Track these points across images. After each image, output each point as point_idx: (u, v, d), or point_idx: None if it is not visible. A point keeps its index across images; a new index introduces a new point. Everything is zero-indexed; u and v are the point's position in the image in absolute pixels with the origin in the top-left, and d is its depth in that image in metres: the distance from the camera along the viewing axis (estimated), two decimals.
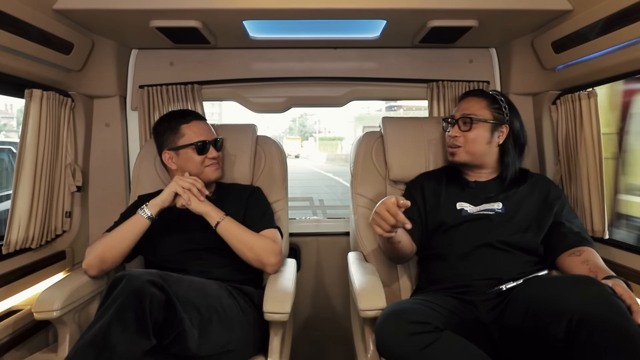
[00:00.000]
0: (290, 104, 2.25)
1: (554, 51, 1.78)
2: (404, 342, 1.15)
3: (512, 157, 1.61)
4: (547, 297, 1.15)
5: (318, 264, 2.29)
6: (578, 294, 1.09)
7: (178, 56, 2.17)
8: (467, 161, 1.62)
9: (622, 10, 1.38)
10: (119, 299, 1.12)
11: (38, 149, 1.68)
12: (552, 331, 1.10)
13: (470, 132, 1.59)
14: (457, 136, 1.61)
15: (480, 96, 1.64)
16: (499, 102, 1.62)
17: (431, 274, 1.58)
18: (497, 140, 1.60)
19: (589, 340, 1.04)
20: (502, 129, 1.60)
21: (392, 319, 1.22)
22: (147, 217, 1.49)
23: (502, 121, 1.60)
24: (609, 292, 1.09)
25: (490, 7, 1.63)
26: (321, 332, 2.33)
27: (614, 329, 1.03)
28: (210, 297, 1.32)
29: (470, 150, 1.60)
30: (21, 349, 1.56)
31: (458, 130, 1.62)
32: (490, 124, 1.59)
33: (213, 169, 1.66)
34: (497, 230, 1.51)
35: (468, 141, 1.60)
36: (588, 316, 1.05)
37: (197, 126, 1.67)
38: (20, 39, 1.45)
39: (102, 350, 1.06)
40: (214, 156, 1.66)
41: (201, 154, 1.63)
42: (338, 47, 2.20)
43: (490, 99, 1.63)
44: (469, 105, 1.63)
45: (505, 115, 1.61)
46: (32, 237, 1.70)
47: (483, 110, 1.60)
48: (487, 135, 1.59)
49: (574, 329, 1.06)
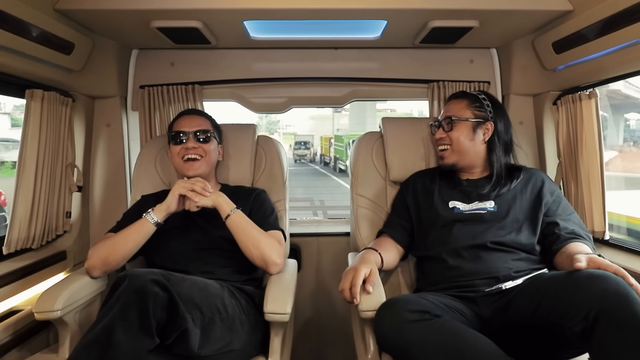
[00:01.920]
0: (290, 104, 2.25)
1: (555, 51, 1.78)
2: (400, 330, 1.17)
3: (497, 153, 1.63)
4: (560, 292, 1.16)
5: (318, 264, 2.29)
6: (594, 288, 1.09)
7: (179, 56, 2.17)
8: (456, 162, 1.65)
9: (623, 10, 1.38)
10: (122, 298, 1.12)
11: (39, 149, 1.68)
12: (567, 325, 1.10)
13: (452, 132, 1.64)
14: (443, 137, 1.67)
15: (461, 97, 1.69)
16: (481, 100, 1.66)
17: (428, 275, 1.59)
18: (482, 138, 1.63)
19: (607, 334, 1.04)
20: (486, 126, 1.63)
21: (388, 309, 1.24)
22: (153, 223, 1.50)
23: (485, 118, 1.63)
24: (625, 286, 1.09)
25: (490, 8, 1.63)
26: (321, 333, 2.34)
27: (632, 323, 1.02)
28: (212, 297, 1.32)
29: (456, 148, 1.64)
30: (22, 349, 1.56)
31: (442, 131, 1.67)
32: (471, 122, 1.62)
33: (189, 165, 1.63)
34: (490, 230, 1.51)
35: (452, 140, 1.64)
36: (605, 310, 1.05)
37: (182, 120, 1.70)
38: (21, 39, 1.45)
39: (106, 349, 1.06)
40: (190, 146, 1.63)
41: (177, 144, 1.65)
42: (339, 48, 2.20)
43: (470, 98, 1.67)
44: (451, 107, 1.68)
45: (488, 112, 1.63)
46: (33, 237, 1.70)
47: (463, 110, 1.64)
48: (469, 133, 1.63)
49: (591, 323, 1.06)
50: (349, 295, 1.35)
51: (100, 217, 2.07)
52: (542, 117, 2.04)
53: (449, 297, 1.41)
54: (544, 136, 2.05)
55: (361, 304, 1.34)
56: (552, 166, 2.02)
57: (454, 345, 1.13)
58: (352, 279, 1.36)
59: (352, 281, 1.36)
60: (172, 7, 1.60)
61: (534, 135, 2.11)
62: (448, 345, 1.13)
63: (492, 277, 1.43)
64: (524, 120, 2.11)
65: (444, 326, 1.16)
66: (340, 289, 1.38)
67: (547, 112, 2.02)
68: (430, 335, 1.14)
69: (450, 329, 1.16)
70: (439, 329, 1.15)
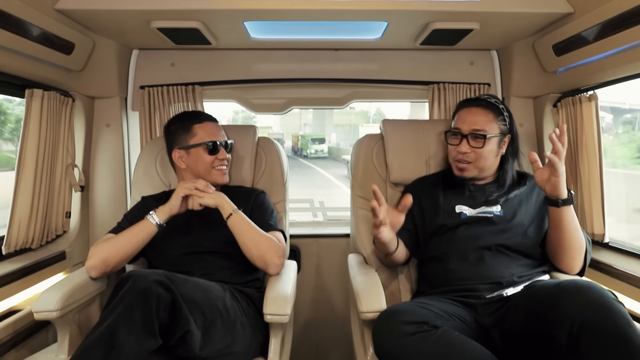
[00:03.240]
0: (291, 105, 2.25)
1: (555, 54, 1.78)
2: (398, 342, 1.16)
3: (510, 163, 1.61)
4: (549, 303, 1.15)
5: (318, 265, 2.29)
6: (579, 300, 1.09)
7: (179, 57, 2.17)
8: (476, 176, 1.60)
9: (623, 13, 1.38)
10: (126, 298, 1.12)
11: (39, 149, 1.68)
12: (554, 337, 1.10)
13: (482, 149, 1.54)
14: (468, 152, 1.56)
15: (486, 107, 1.58)
16: (503, 112, 1.59)
17: (431, 277, 1.58)
18: (502, 151, 1.60)
19: (591, 346, 1.04)
20: (505, 140, 1.59)
21: (386, 320, 1.23)
22: (156, 224, 1.50)
23: (506, 132, 1.59)
24: (610, 297, 1.09)
25: (491, 10, 1.63)
26: (321, 334, 2.33)
27: (615, 335, 1.03)
28: (214, 298, 1.32)
29: (480, 165, 1.56)
30: (21, 349, 1.56)
31: (468, 145, 1.56)
32: (498, 137, 1.57)
33: (221, 173, 1.67)
34: (496, 233, 1.51)
35: (479, 157, 1.55)
36: (589, 322, 1.05)
37: (210, 127, 1.68)
38: (22, 38, 1.45)
39: (109, 349, 1.06)
40: (224, 157, 1.67)
41: (212, 154, 1.64)
42: (339, 49, 2.20)
43: (495, 110, 1.57)
44: (477, 119, 1.56)
45: (508, 125, 1.59)
46: (33, 237, 1.70)
47: (491, 125, 1.55)
48: (496, 149, 1.57)
49: (575, 335, 1.06)
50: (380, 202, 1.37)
51: (99, 218, 2.07)
52: (542, 119, 2.04)
53: (449, 302, 1.40)
54: (543, 138, 2.04)
55: (361, 306, 1.34)
56: None
57: (451, 356, 1.12)
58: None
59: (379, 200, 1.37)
60: (173, 8, 1.60)
61: (534, 137, 2.11)
62: (445, 357, 1.12)
63: (495, 282, 1.43)
64: (524, 122, 2.10)
65: (442, 338, 1.15)
66: (372, 207, 1.37)
67: (547, 114, 2.02)
68: (427, 347, 1.13)
69: (448, 341, 1.15)
70: (436, 340, 1.14)
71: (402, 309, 1.26)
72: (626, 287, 1.52)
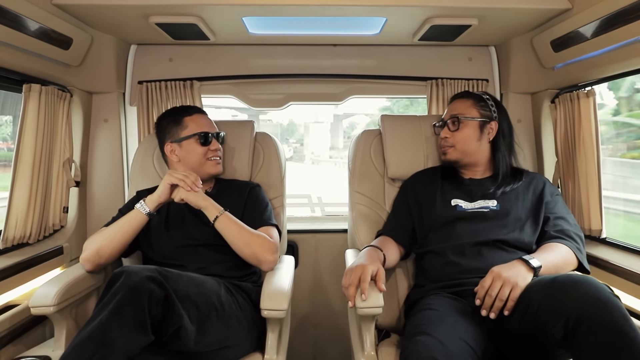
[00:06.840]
0: (289, 100, 2.25)
1: (553, 50, 1.78)
2: None
3: (502, 152, 1.63)
4: (544, 298, 1.15)
5: (316, 261, 2.29)
6: (575, 294, 1.09)
7: (177, 52, 2.17)
8: (459, 159, 1.65)
9: (621, 9, 1.38)
10: (118, 294, 1.12)
11: (36, 144, 1.68)
12: (550, 331, 1.10)
13: (459, 132, 1.63)
14: (447, 137, 1.65)
15: (466, 97, 1.68)
16: (485, 100, 1.66)
17: (428, 271, 1.58)
18: (487, 137, 1.64)
19: (587, 340, 1.04)
20: (491, 126, 1.63)
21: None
22: (145, 213, 1.50)
23: (490, 118, 1.63)
24: (606, 292, 1.09)
25: (489, 6, 1.63)
26: (318, 329, 2.34)
27: (611, 329, 1.03)
28: (209, 293, 1.32)
29: (460, 148, 1.63)
30: (18, 344, 1.56)
31: (448, 131, 1.66)
32: (478, 121, 1.63)
33: (215, 163, 1.68)
34: (492, 228, 1.51)
35: (458, 140, 1.63)
36: (585, 316, 1.05)
37: (200, 118, 1.70)
38: (19, 33, 1.44)
39: (100, 346, 1.06)
40: (216, 148, 1.68)
41: (204, 145, 1.65)
42: (337, 45, 2.20)
43: (475, 97, 1.67)
44: (456, 106, 1.67)
45: (492, 112, 1.64)
46: (30, 232, 1.70)
47: (470, 109, 1.64)
48: (476, 133, 1.63)
49: (571, 329, 1.06)
50: (353, 292, 1.30)
51: (97, 213, 2.06)
52: (540, 115, 2.04)
53: (450, 297, 1.40)
54: (541, 134, 2.05)
55: (358, 301, 1.34)
56: (550, 164, 2.02)
57: None
58: (360, 275, 1.32)
59: (361, 277, 1.32)
60: (171, 3, 1.60)
61: (531, 133, 2.11)
62: None
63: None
64: (521, 118, 2.11)
65: None
66: (344, 286, 1.33)
67: (545, 110, 2.02)
68: None
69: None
70: None
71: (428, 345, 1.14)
72: (623, 282, 1.53)
